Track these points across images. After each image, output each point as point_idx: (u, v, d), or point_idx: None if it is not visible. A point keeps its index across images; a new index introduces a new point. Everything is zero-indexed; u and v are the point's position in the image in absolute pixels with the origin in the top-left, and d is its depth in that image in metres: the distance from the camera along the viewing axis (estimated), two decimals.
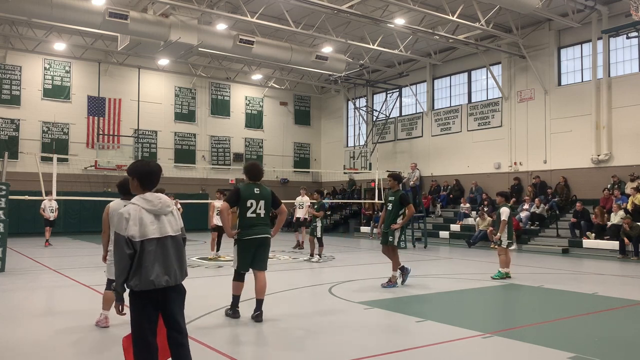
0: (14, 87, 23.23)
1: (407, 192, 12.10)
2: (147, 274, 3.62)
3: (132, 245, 3.64)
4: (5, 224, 11.29)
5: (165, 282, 3.68)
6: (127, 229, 3.64)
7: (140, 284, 3.62)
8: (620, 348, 5.67)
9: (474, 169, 23.12)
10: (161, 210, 3.77)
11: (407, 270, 9.64)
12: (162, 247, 3.72)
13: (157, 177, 3.91)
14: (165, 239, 3.75)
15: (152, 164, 3.95)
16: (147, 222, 3.69)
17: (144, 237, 3.66)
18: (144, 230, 3.67)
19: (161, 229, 3.74)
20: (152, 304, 3.69)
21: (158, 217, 3.75)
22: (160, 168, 4.00)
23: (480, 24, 18.33)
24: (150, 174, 3.87)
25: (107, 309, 6.33)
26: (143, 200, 3.75)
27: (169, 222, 3.80)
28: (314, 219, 13.78)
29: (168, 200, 3.84)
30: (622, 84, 18.69)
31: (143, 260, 3.63)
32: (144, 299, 3.68)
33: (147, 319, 3.69)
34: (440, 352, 5.47)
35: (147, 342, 3.68)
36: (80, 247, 17.60)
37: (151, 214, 3.72)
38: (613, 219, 15.99)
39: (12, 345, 5.66)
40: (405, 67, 26.08)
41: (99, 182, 24.47)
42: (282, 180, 29.81)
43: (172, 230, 3.80)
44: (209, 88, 28.18)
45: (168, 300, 3.74)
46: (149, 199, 3.76)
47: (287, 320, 6.92)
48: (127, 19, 16.88)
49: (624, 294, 8.99)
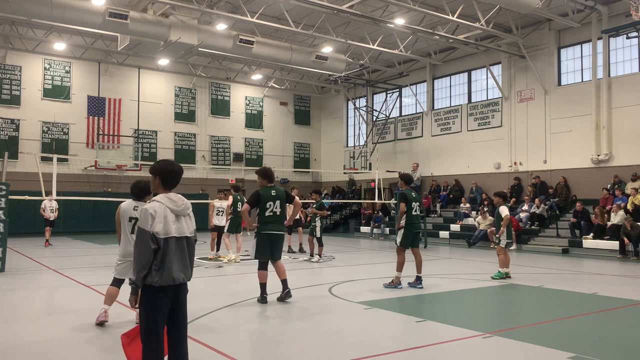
0: (14, 87, 23.23)
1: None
2: (170, 270, 3.76)
3: (157, 241, 3.76)
4: (5, 224, 11.30)
5: (182, 279, 3.87)
6: (152, 225, 3.76)
7: (160, 280, 3.75)
8: (620, 348, 5.67)
9: (474, 169, 23.13)
10: (182, 212, 3.94)
11: (419, 284, 9.38)
12: (181, 246, 3.88)
13: (178, 178, 4.06)
14: (182, 239, 3.90)
15: (175, 165, 4.08)
16: (170, 220, 3.84)
17: (167, 234, 3.80)
18: (167, 228, 3.81)
19: (180, 229, 3.89)
20: (167, 300, 3.82)
21: (179, 217, 3.91)
22: (182, 170, 4.14)
23: (480, 24, 18.33)
24: (172, 174, 4.02)
25: (108, 304, 6.43)
26: (168, 200, 3.89)
27: (187, 224, 3.96)
28: (313, 219, 13.77)
29: (189, 203, 3.98)
30: (622, 84, 18.69)
31: (166, 257, 3.78)
32: (161, 295, 3.79)
33: (162, 314, 3.81)
34: (440, 352, 5.47)
35: (160, 337, 3.80)
36: (80, 247, 17.60)
37: (174, 213, 3.87)
38: (613, 219, 15.99)
39: (12, 345, 5.66)
40: (405, 67, 26.08)
41: (99, 182, 24.46)
42: (282, 180, 29.77)
43: (189, 232, 3.96)
44: (209, 88, 28.18)
45: (179, 297, 3.89)
46: (174, 199, 3.91)
47: (287, 320, 6.92)
48: (127, 19, 16.88)
49: (624, 294, 8.99)
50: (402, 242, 9.48)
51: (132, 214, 6.35)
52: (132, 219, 6.34)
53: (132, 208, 6.39)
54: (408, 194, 9.55)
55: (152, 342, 3.77)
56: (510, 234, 10.69)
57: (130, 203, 6.46)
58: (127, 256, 6.34)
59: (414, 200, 9.58)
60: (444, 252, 16.86)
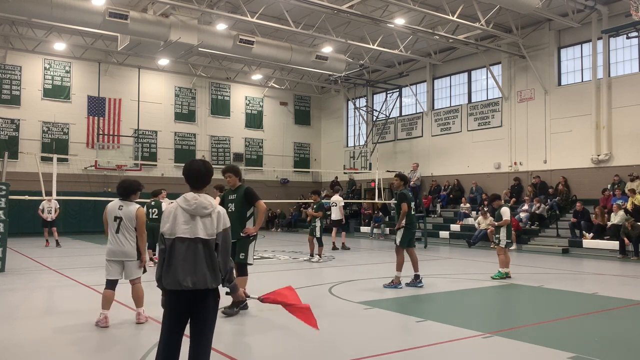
0: (14, 87, 23.23)
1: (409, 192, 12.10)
2: (175, 273, 3.61)
3: (164, 241, 3.70)
4: (5, 224, 11.29)
5: (192, 285, 3.60)
6: (162, 224, 3.74)
7: (166, 283, 3.64)
8: (620, 348, 5.67)
9: (474, 169, 23.12)
10: (196, 212, 3.72)
11: (419, 282, 9.44)
12: (194, 248, 3.66)
13: (199, 178, 3.85)
14: (196, 241, 3.67)
15: (194, 164, 3.91)
16: (180, 221, 3.70)
17: (174, 235, 3.67)
18: (174, 228, 3.68)
19: (192, 230, 3.69)
20: (180, 305, 3.66)
21: (193, 217, 3.72)
22: (206, 168, 3.91)
23: (480, 24, 18.33)
24: (189, 174, 3.87)
25: (106, 308, 6.36)
26: (183, 199, 3.79)
27: (204, 225, 3.71)
28: (313, 219, 13.79)
29: (206, 202, 3.75)
30: (622, 84, 18.68)
31: (172, 258, 3.64)
32: (172, 298, 3.67)
33: (174, 318, 3.67)
34: (440, 352, 5.47)
35: (164, 340, 3.66)
36: (80, 247, 17.60)
37: (187, 213, 3.73)
38: (613, 219, 15.98)
39: (12, 345, 5.65)
40: (405, 67, 26.08)
41: (99, 182, 24.47)
42: (282, 181, 29.81)
43: (206, 234, 3.70)
44: (209, 88, 28.18)
45: (196, 304, 3.67)
46: (187, 199, 3.78)
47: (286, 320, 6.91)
48: (127, 19, 16.88)
49: (624, 294, 8.98)
50: (402, 242, 9.49)
51: (117, 214, 6.38)
52: (117, 218, 6.36)
53: (117, 207, 6.42)
54: (407, 194, 9.57)
55: (160, 343, 3.69)
56: (510, 234, 10.71)
57: (116, 203, 6.49)
58: (112, 255, 6.37)
59: (412, 200, 9.64)
60: (444, 252, 16.86)
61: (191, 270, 3.61)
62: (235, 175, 7.37)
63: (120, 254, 6.37)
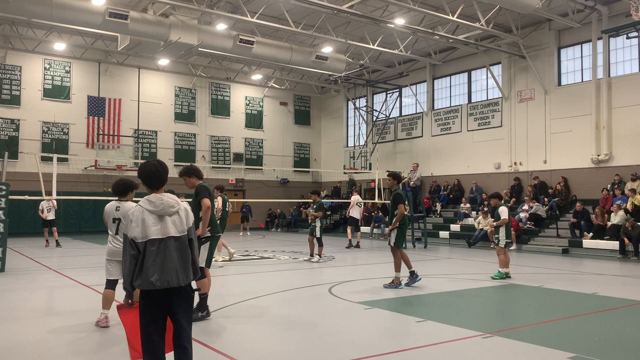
0: (14, 87, 23.23)
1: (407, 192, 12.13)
2: (148, 274, 3.65)
3: (135, 246, 3.69)
4: (5, 224, 11.29)
5: (167, 284, 3.67)
6: (131, 230, 3.70)
7: (141, 284, 3.68)
8: (620, 348, 5.67)
9: (474, 169, 23.13)
10: (164, 211, 3.77)
11: (417, 277, 9.49)
12: (165, 248, 3.71)
13: (158, 178, 3.90)
14: (168, 240, 3.72)
15: (149, 165, 3.94)
16: (150, 223, 3.71)
17: (146, 238, 3.69)
18: (145, 232, 3.69)
19: (163, 229, 3.73)
20: (156, 305, 3.73)
21: (162, 218, 3.75)
22: (162, 168, 3.96)
23: (480, 24, 18.33)
24: (149, 175, 3.89)
25: (107, 308, 6.38)
26: (146, 202, 3.78)
27: (173, 223, 3.77)
28: (313, 219, 13.78)
29: (172, 201, 3.81)
30: (622, 84, 18.68)
31: (145, 260, 3.67)
32: (148, 299, 3.73)
33: (151, 318, 3.74)
34: (440, 352, 5.47)
35: (150, 340, 3.73)
36: (80, 247, 17.60)
37: (154, 214, 3.74)
38: (613, 219, 15.99)
39: (12, 345, 5.66)
40: (405, 67, 26.08)
41: (99, 182, 24.47)
42: (282, 181, 29.81)
43: (177, 231, 3.77)
44: (209, 88, 28.18)
45: (172, 303, 3.76)
46: (152, 200, 3.79)
47: (287, 320, 6.91)
48: (127, 19, 16.88)
49: (624, 294, 8.99)
50: (397, 242, 9.50)
51: (115, 215, 6.43)
52: (115, 219, 6.41)
53: (114, 209, 6.48)
54: (403, 194, 9.60)
55: (143, 344, 3.75)
56: (510, 234, 10.72)
57: (113, 204, 6.53)
58: (112, 255, 6.39)
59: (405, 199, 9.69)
60: (444, 252, 16.86)
61: (164, 270, 3.67)
62: (189, 176, 6.80)
63: (120, 254, 6.37)
